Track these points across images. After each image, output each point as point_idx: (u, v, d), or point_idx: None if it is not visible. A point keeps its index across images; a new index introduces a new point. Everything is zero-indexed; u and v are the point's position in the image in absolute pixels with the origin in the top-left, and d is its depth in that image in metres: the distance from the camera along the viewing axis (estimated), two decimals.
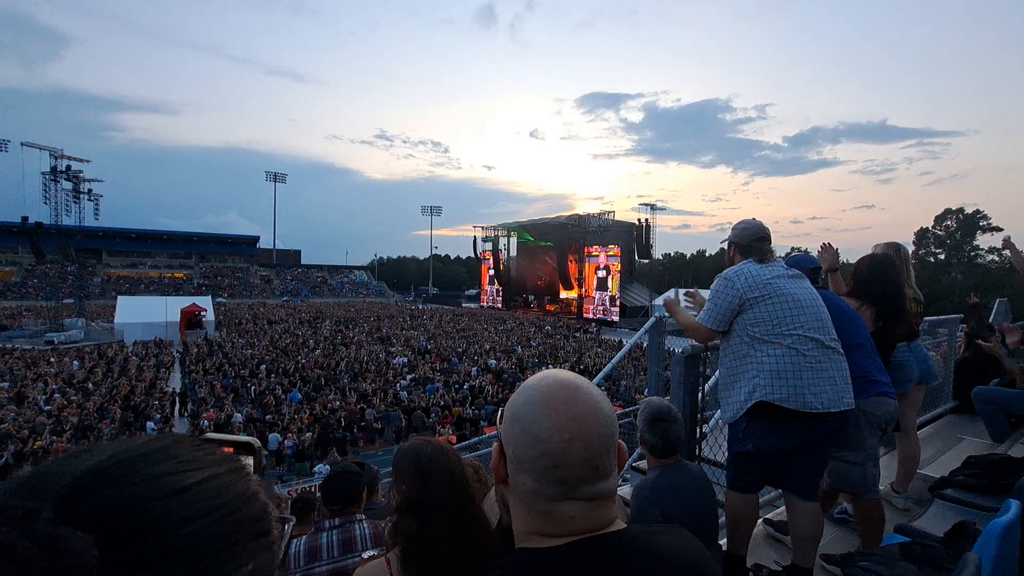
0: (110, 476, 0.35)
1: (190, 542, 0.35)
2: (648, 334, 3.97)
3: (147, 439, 0.40)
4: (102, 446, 0.38)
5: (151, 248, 61.49)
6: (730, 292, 2.00)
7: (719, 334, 2.10)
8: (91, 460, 0.36)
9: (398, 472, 1.26)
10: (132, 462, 0.36)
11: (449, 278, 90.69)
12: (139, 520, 0.34)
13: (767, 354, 1.91)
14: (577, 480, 0.64)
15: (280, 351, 22.14)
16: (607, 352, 24.33)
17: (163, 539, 0.34)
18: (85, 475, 0.35)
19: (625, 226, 44.10)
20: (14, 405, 13.83)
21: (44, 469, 0.36)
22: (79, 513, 0.32)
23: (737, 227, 2.20)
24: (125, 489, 0.35)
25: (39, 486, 0.34)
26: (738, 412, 1.97)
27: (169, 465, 0.37)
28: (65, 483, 0.34)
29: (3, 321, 30.24)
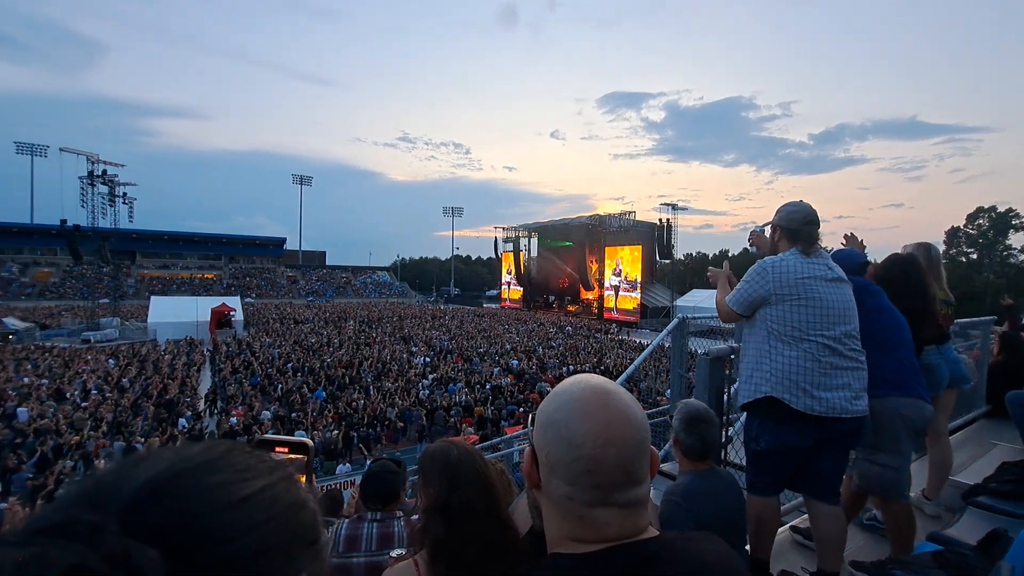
0: (171, 488, 0.34)
1: (249, 553, 0.34)
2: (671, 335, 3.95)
3: (202, 447, 0.39)
4: (158, 454, 0.37)
5: (182, 250, 63.35)
6: (761, 282, 1.98)
7: (741, 317, 2.08)
8: (150, 470, 0.35)
9: (426, 474, 1.27)
10: (191, 472, 0.36)
11: (470, 279, 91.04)
12: (200, 532, 0.33)
13: (781, 353, 1.91)
14: (611, 486, 0.64)
15: (306, 350, 22.57)
16: (628, 353, 24.12)
17: (223, 551, 0.33)
18: (146, 487, 0.34)
19: (646, 226, 43.69)
20: (53, 401, 14.43)
21: (103, 479, 0.35)
22: (142, 526, 0.32)
23: (784, 209, 2.07)
24: (186, 501, 0.34)
25: (100, 498, 0.33)
26: (746, 398, 1.98)
27: (226, 475, 0.37)
28: (126, 495, 0.33)
29: (43, 320, 31.58)
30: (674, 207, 43.30)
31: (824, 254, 2.03)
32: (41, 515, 0.32)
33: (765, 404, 1.92)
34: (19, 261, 52.98)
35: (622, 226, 43.13)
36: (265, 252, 69.11)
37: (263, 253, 68.90)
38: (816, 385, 1.83)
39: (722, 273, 2.39)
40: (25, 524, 0.31)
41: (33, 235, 53.44)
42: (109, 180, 32.52)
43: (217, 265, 64.01)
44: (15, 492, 9.36)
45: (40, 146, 55.92)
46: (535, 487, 0.71)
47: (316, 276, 68.38)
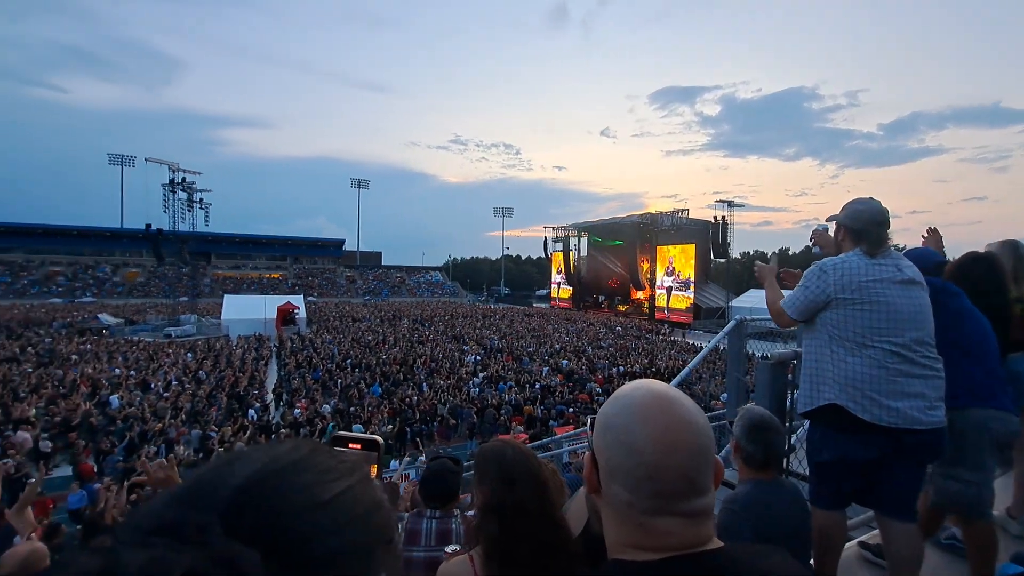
0: (265, 489, 0.35)
1: (335, 553, 0.35)
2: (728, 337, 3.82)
3: (288, 448, 0.40)
4: (249, 455, 0.38)
5: (252, 251, 67.49)
6: (819, 285, 1.86)
7: (798, 323, 1.97)
8: (244, 471, 0.36)
9: (481, 473, 1.28)
10: (281, 474, 0.37)
11: (520, 278, 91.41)
12: (292, 533, 0.34)
13: (843, 359, 1.78)
14: (674, 494, 0.62)
15: (363, 347, 23.44)
16: (681, 355, 23.43)
17: (312, 552, 0.34)
18: (242, 488, 0.35)
19: (700, 224, 42.20)
20: (139, 391, 15.78)
21: (202, 479, 0.36)
22: (241, 528, 0.32)
23: (850, 207, 1.93)
24: (279, 502, 0.35)
25: (201, 498, 0.34)
26: (806, 406, 1.87)
27: (312, 476, 0.38)
28: (225, 496, 0.34)
29: (131, 316, 34.56)
30: (730, 204, 41.55)
31: (895, 254, 1.88)
32: (150, 513, 0.33)
33: (828, 412, 1.81)
34: (111, 262, 58.36)
35: (674, 224, 41.92)
36: (326, 253, 72.45)
37: (324, 254, 72.26)
38: (884, 393, 1.71)
39: (768, 269, 2.25)
40: (135, 522, 0.32)
41: (123, 239, 58.67)
42: (188, 187, 35.14)
43: (283, 265, 67.74)
44: (108, 473, 10.35)
45: (128, 157, 61.34)
46: (594, 491, 0.70)
47: (373, 276, 70.95)
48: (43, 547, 2.32)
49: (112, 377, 16.92)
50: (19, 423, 12.22)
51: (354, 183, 77.27)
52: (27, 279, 51.14)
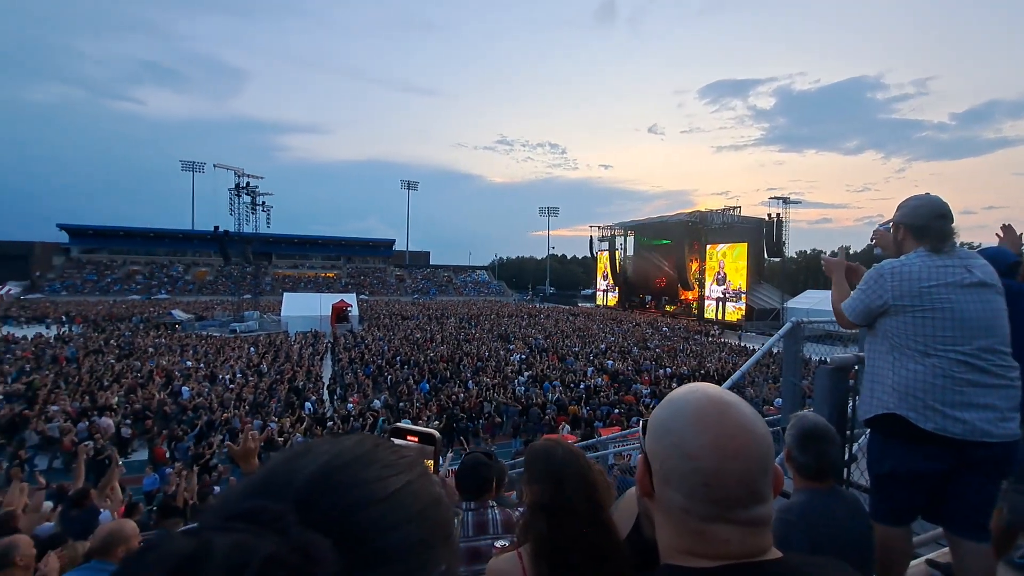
0: (332, 482, 0.36)
1: (399, 547, 0.36)
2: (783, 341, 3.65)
3: (353, 442, 0.41)
4: (317, 447, 0.40)
5: (309, 252, 70.66)
6: (876, 290, 1.75)
7: (860, 326, 1.87)
8: (313, 464, 0.37)
9: (530, 471, 1.29)
10: (347, 467, 0.38)
11: (566, 278, 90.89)
12: (358, 526, 0.35)
13: (905, 367, 1.67)
14: (732, 502, 0.61)
15: (411, 344, 24.04)
16: (732, 357, 22.60)
17: (377, 545, 0.35)
18: (312, 480, 0.36)
19: (753, 222, 40.55)
20: (208, 382, 16.88)
21: (275, 470, 0.38)
22: (312, 518, 0.33)
23: (908, 204, 1.81)
24: (347, 495, 0.36)
25: (276, 488, 0.36)
26: (865, 414, 1.77)
27: (374, 471, 0.39)
28: (297, 487, 0.36)
29: (200, 312, 37.03)
30: (785, 201, 39.63)
31: (964, 252, 1.74)
32: (230, 501, 0.35)
33: (888, 422, 1.71)
34: (183, 262, 62.73)
35: (725, 222, 40.42)
36: (377, 253, 74.82)
37: (375, 254, 74.65)
38: (949, 404, 1.60)
39: (837, 263, 2.10)
40: (217, 508, 0.35)
41: (193, 240, 62.81)
42: (251, 191, 37.22)
43: (337, 265, 70.51)
44: (179, 458, 11.15)
45: (199, 163, 65.76)
46: (647, 495, 0.69)
47: (421, 275, 72.58)
48: (131, 523, 2.52)
49: (184, 369, 18.20)
50: (103, 410, 13.40)
51: (404, 185, 79.32)
52: (111, 277, 55.80)
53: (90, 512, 4.50)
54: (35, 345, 21.87)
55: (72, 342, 22.82)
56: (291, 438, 12.37)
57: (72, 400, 13.99)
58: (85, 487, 4.97)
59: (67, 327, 28.97)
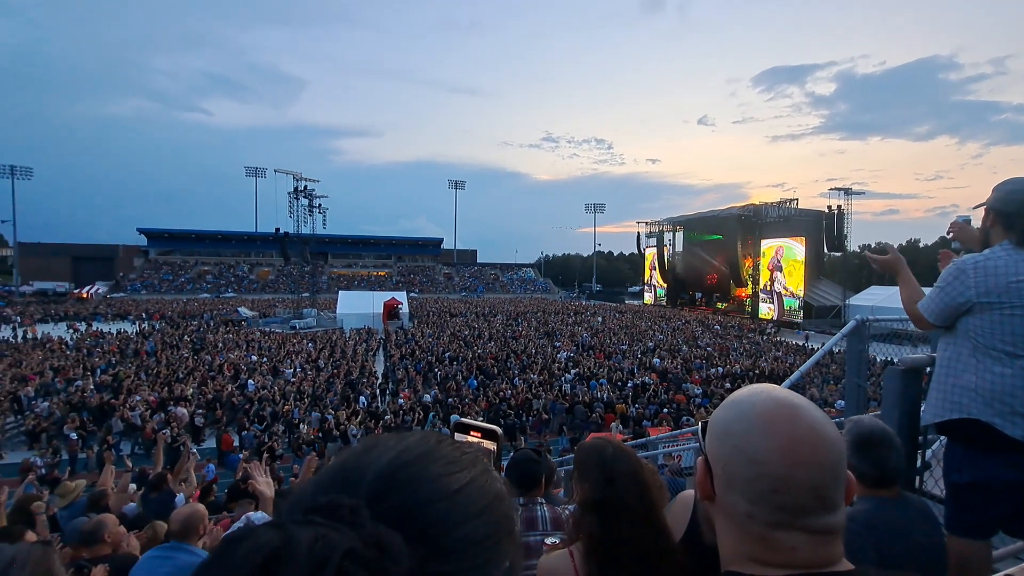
0: (400, 477, 0.37)
1: (466, 542, 0.37)
2: (846, 340, 3.45)
3: (418, 438, 0.42)
4: (381, 444, 0.41)
5: (362, 251, 73.26)
6: (958, 287, 1.63)
7: (938, 328, 1.73)
8: (381, 459, 0.39)
9: (582, 469, 1.28)
10: (414, 463, 0.39)
11: (612, 275, 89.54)
12: (427, 521, 0.36)
13: (989, 370, 1.55)
14: (801, 509, 0.58)
15: (460, 341, 24.45)
16: (788, 356, 21.55)
17: (445, 540, 0.36)
18: (381, 475, 0.37)
19: (811, 215, 38.36)
20: (271, 376, 17.89)
21: (345, 465, 0.39)
22: (382, 513, 0.34)
23: (1003, 188, 1.65)
24: (415, 491, 0.37)
25: (347, 484, 0.37)
26: (936, 418, 1.65)
27: (440, 467, 0.39)
28: (367, 482, 0.37)
29: (264, 310, 39.21)
30: (847, 192, 37.22)
31: None
32: (305, 495, 0.36)
33: (969, 428, 1.59)
34: (248, 262, 66.62)
35: (781, 215, 38.36)
36: (426, 252, 76.53)
37: (424, 252, 76.38)
38: None
39: (895, 260, 1.91)
40: (294, 502, 0.36)
41: (256, 241, 66.58)
42: (309, 194, 38.99)
43: (388, 264, 72.68)
44: (246, 446, 11.88)
45: (260, 168, 69.50)
46: (708, 499, 0.67)
47: (468, 273, 73.58)
48: (203, 507, 2.72)
49: (249, 363, 19.35)
50: (179, 400, 14.48)
51: (451, 184, 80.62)
52: (184, 277, 60.07)
53: (167, 495, 4.88)
54: (120, 340, 23.90)
55: (151, 337, 24.76)
56: (346, 430, 12.91)
57: (152, 391, 15.21)
58: (163, 472, 5.40)
59: (147, 323, 31.44)
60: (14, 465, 10.73)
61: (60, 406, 13.84)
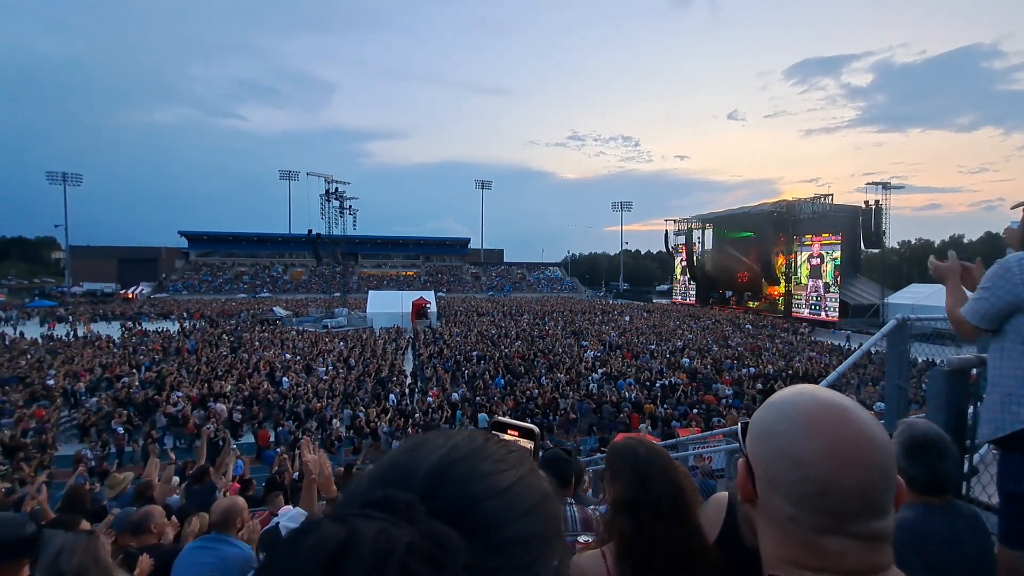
0: (451, 474, 0.38)
1: (517, 540, 0.37)
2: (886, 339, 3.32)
3: (465, 437, 0.42)
4: (429, 440, 0.41)
5: (391, 251, 74.36)
6: (1005, 286, 1.55)
7: (985, 332, 1.66)
8: (432, 457, 0.39)
9: (614, 470, 1.27)
10: (462, 461, 0.39)
11: (640, 273, 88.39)
12: (479, 518, 0.36)
13: None
14: (848, 514, 0.57)
15: (487, 340, 24.58)
16: (823, 357, 20.87)
17: (496, 537, 0.36)
18: (432, 472, 0.37)
19: (847, 210, 36.98)
20: (304, 374, 18.36)
21: (397, 461, 0.39)
22: (436, 509, 0.34)
23: None
24: (467, 488, 0.37)
25: (400, 480, 0.37)
26: (996, 432, 1.56)
27: (488, 465, 0.39)
28: (420, 478, 0.37)
29: (297, 309, 40.29)
30: (885, 186, 35.74)
31: None
32: (360, 490, 0.37)
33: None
34: (282, 263, 68.50)
35: (816, 211, 36.98)
36: (453, 252, 77.15)
37: (451, 252, 77.03)
38: None
39: (949, 268, 1.86)
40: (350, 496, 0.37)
41: (290, 243, 68.37)
42: (339, 196, 39.93)
43: (416, 264, 73.58)
44: (281, 442, 12.25)
45: (294, 172, 71.46)
46: (749, 501, 0.66)
47: (495, 272, 73.81)
48: (242, 500, 2.81)
49: (284, 361, 19.92)
50: (218, 396, 15.03)
51: (478, 184, 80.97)
52: (222, 278, 62.20)
53: (209, 488, 5.08)
54: (162, 338, 24.95)
55: (192, 336, 25.76)
56: (376, 427, 13.16)
57: (193, 387, 15.84)
58: (205, 465, 5.63)
59: (188, 322, 32.74)
60: (67, 457, 11.36)
61: (108, 401, 14.57)
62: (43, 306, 40.71)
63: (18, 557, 1.65)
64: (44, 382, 16.17)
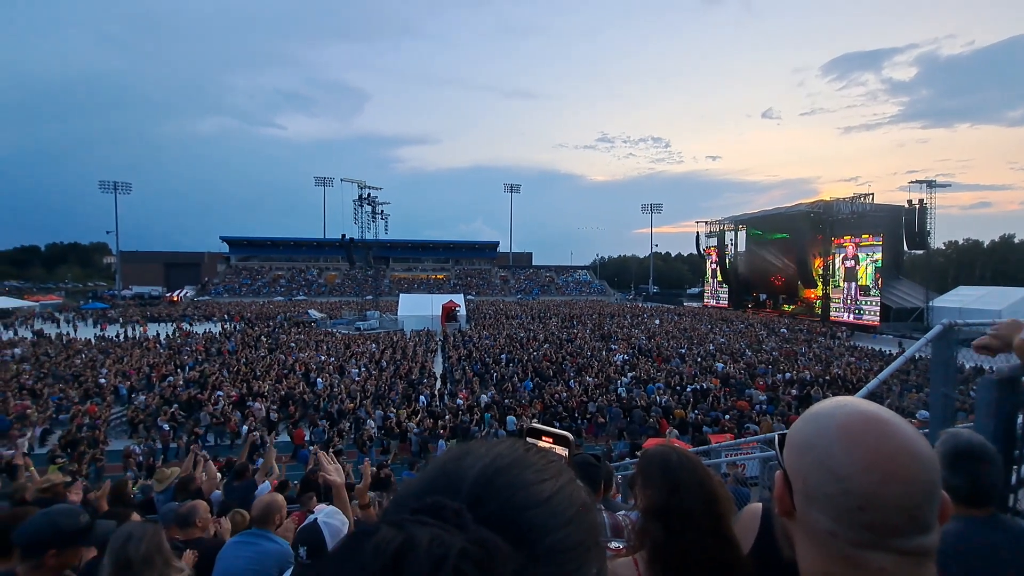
0: (496, 483, 0.39)
1: (559, 548, 0.37)
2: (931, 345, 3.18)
3: (506, 446, 0.43)
4: (472, 449, 0.42)
5: (421, 255, 75.52)
6: None
7: None
8: (476, 465, 0.40)
9: (646, 476, 1.25)
10: (506, 470, 0.40)
11: (670, 276, 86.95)
12: (525, 526, 0.37)
13: None
14: (890, 529, 0.56)
15: (515, 343, 24.62)
16: (863, 362, 20.05)
17: (539, 546, 0.36)
18: (477, 481, 0.39)
19: (889, 210, 35.39)
20: (337, 375, 18.79)
21: (444, 469, 0.40)
22: (483, 517, 0.35)
23: None
24: (511, 496, 0.38)
25: (448, 487, 0.38)
26: None
27: (532, 474, 0.40)
28: (466, 487, 0.38)
29: (331, 312, 41.32)
30: (930, 184, 34.15)
31: None
32: (410, 496, 0.38)
33: None
34: (317, 267, 70.35)
35: (855, 211, 35.41)
36: (482, 255, 77.66)
37: (480, 256, 77.55)
38: None
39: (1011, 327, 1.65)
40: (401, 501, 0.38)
41: (324, 247, 70.22)
42: (372, 201, 40.74)
43: (446, 267, 74.39)
44: (315, 441, 12.58)
45: (328, 178, 73.38)
46: (787, 514, 0.65)
47: (524, 275, 73.85)
48: (281, 498, 2.92)
49: (318, 362, 20.45)
50: (256, 396, 15.56)
51: (507, 188, 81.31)
52: (261, 281, 64.35)
53: (249, 484, 5.28)
54: (205, 340, 25.99)
55: (232, 337, 26.74)
56: (407, 428, 13.36)
57: (233, 387, 16.44)
58: (244, 463, 5.86)
59: (228, 324, 34.00)
60: (117, 452, 11.98)
61: (155, 399, 15.28)
62: (96, 308, 43.05)
63: (75, 545, 1.84)
64: (97, 380, 17.10)
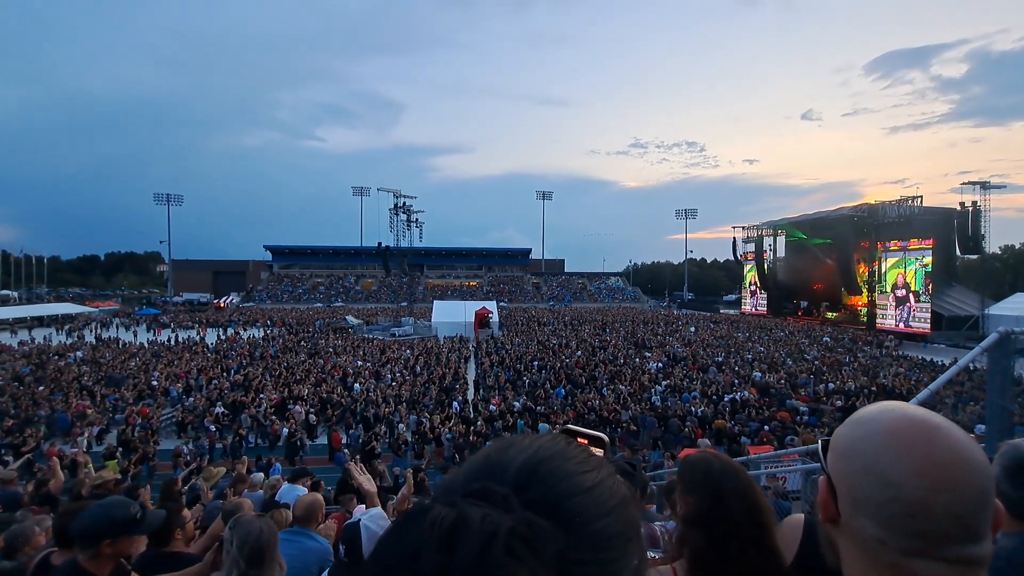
0: (542, 471, 0.40)
1: (601, 537, 0.39)
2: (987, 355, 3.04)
3: (548, 440, 0.45)
4: (517, 442, 0.44)
5: (454, 262, 76.47)
6: None
7: None
8: (521, 455, 0.42)
9: (687, 483, 1.23)
10: (549, 460, 0.42)
11: (705, 283, 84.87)
12: (567, 512, 0.38)
13: None
14: (941, 538, 0.54)
15: (548, 350, 24.56)
16: (913, 373, 19.05)
17: (583, 532, 0.38)
18: (523, 469, 0.40)
19: (939, 213, 33.46)
20: (373, 380, 19.22)
21: (490, 458, 0.42)
22: (528, 502, 0.37)
23: None
24: (555, 484, 0.40)
25: (494, 474, 0.40)
26: None
27: (573, 465, 0.42)
28: (511, 475, 0.40)
29: (368, 318, 42.27)
30: (984, 186, 31.94)
31: None
32: (458, 482, 0.41)
33: None
34: (354, 274, 72.22)
35: (902, 215, 33.69)
36: (514, 262, 77.95)
37: (513, 263, 77.86)
38: None
39: None
40: (450, 486, 0.40)
41: (361, 255, 71.94)
42: (407, 210, 41.64)
43: (479, 274, 74.99)
44: (351, 444, 12.89)
45: (365, 188, 75.44)
46: (831, 521, 0.63)
47: (556, 282, 73.61)
48: (321, 498, 3.04)
49: (355, 367, 20.97)
50: (296, 399, 16.08)
51: (539, 195, 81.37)
52: (301, 288, 66.50)
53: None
54: (249, 344, 27.06)
55: (274, 342, 27.74)
56: (440, 433, 13.51)
57: (275, 390, 17.05)
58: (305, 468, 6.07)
59: (271, 330, 35.29)
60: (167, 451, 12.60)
61: (202, 401, 16.01)
62: (149, 314, 45.53)
63: (128, 534, 2.01)
64: (149, 382, 18.07)
